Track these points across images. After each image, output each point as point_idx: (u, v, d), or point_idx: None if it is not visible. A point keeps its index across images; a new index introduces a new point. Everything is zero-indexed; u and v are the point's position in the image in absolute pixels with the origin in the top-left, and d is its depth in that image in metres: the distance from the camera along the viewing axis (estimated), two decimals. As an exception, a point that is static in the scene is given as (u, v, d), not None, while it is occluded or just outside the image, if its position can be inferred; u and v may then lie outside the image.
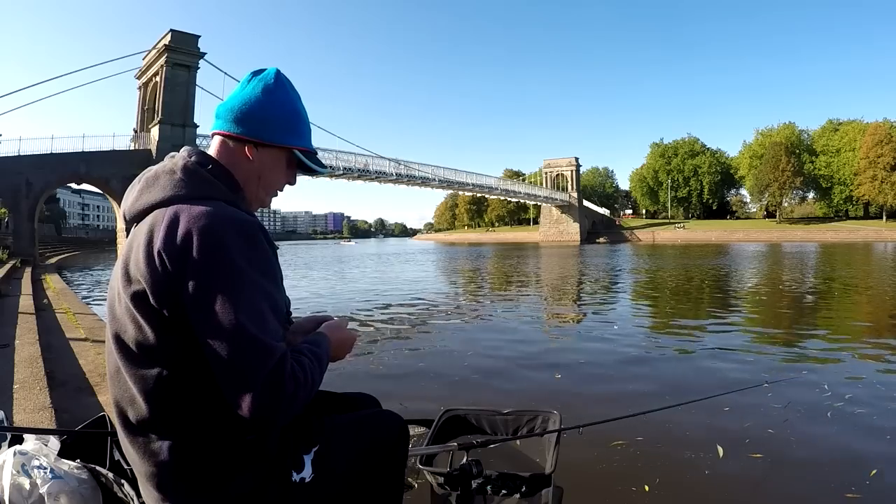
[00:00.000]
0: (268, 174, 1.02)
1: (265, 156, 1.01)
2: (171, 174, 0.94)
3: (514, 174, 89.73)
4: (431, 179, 51.41)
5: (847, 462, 2.66)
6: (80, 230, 77.54)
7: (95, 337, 4.85)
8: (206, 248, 0.82)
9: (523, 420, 1.76)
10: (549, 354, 5.40)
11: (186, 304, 0.83)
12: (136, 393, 0.87)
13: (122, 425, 0.90)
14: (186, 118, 31.65)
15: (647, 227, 75.48)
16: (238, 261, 0.84)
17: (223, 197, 0.93)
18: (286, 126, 1.01)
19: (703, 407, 3.29)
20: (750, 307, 8.95)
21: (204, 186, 0.93)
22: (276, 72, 1.03)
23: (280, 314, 0.91)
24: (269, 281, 0.89)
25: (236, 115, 1.00)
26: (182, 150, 1.01)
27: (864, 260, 22.55)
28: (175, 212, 0.86)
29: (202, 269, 0.82)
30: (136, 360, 0.87)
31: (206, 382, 0.86)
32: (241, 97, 1.00)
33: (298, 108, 1.04)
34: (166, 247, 0.83)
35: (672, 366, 4.83)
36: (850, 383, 4.03)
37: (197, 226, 0.83)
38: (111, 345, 0.91)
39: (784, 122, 77.61)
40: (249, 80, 1.02)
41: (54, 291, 9.73)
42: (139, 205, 0.94)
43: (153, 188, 0.93)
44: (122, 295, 0.88)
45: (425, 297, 11.09)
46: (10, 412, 2.29)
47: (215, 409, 0.87)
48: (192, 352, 0.85)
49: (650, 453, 2.76)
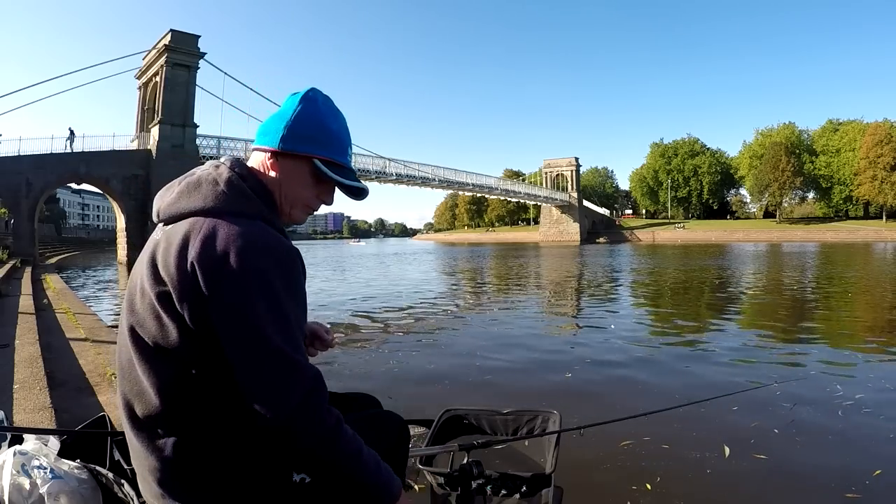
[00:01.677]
0: (289, 186, 1.00)
1: (285, 166, 1.00)
2: (213, 184, 0.94)
3: (514, 174, 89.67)
4: (431, 179, 51.38)
5: (851, 462, 2.66)
6: (80, 230, 77.44)
7: (95, 337, 4.85)
8: (243, 268, 0.83)
9: (523, 420, 1.76)
10: (550, 354, 5.40)
11: (217, 320, 0.84)
12: (147, 387, 0.88)
13: (128, 418, 0.91)
14: (186, 118, 31.60)
15: (647, 227, 75.47)
16: (274, 283, 0.85)
17: (261, 214, 0.94)
18: (305, 135, 1.00)
19: (712, 406, 3.30)
20: (754, 307, 8.96)
21: (243, 202, 0.93)
22: (310, 89, 1.04)
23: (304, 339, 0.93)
24: (299, 306, 0.91)
25: (264, 128, 1.02)
26: (225, 159, 1.01)
27: (864, 260, 22.55)
28: (214, 226, 0.87)
29: (238, 288, 0.83)
30: (152, 356, 0.88)
31: (218, 385, 0.88)
32: (273, 114, 1.03)
33: (325, 122, 1.02)
34: (201, 260, 0.84)
35: (679, 366, 4.83)
36: (859, 383, 4.03)
37: (235, 245, 0.84)
38: (126, 338, 0.91)
39: (784, 122, 77.69)
40: (286, 99, 1.04)
41: (54, 291, 9.73)
42: (177, 208, 0.94)
43: (194, 194, 0.93)
44: (147, 291, 0.88)
45: (425, 296, 11.09)
46: (10, 412, 2.29)
47: (223, 410, 0.89)
48: (208, 355, 0.86)
49: (655, 453, 2.76)
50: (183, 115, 31.45)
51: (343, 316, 8.21)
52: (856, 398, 3.62)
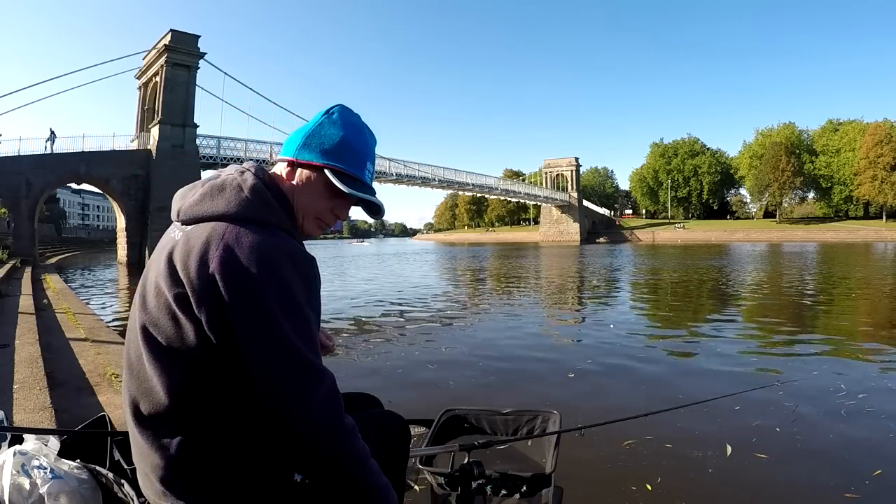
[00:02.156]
0: (302, 195, 1.01)
1: (301, 175, 1.01)
2: (238, 190, 0.95)
3: (514, 174, 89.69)
4: (431, 179, 51.37)
5: (852, 462, 2.66)
6: (80, 230, 77.41)
7: (95, 337, 4.85)
8: (265, 276, 0.85)
9: (523, 420, 1.76)
10: (551, 353, 5.39)
11: (238, 327, 0.85)
12: (156, 385, 0.88)
13: (133, 416, 0.91)
14: (186, 118, 31.57)
15: (647, 227, 75.48)
16: (296, 291, 0.87)
17: (281, 224, 0.95)
18: (321, 145, 1.00)
19: (714, 406, 3.30)
20: (755, 307, 8.94)
21: (266, 210, 0.94)
22: (337, 105, 1.06)
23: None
24: (315, 313, 0.93)
25: (288, 140, 1.04)
26: (250, 164, 1.02)
27: (864, 260, 22.55)
28: (237, 233, 0.88)
29: (260, 296, 0.84)
30: (163, 355, 0.88)
31: (227, 387, 0.88)
32: (299, 127, 1.06)
33: (344, 133, 1.02)
34: (223, 267, 0.84)
35: (681, 366, 4.83)
36: (862, 383, 4.04)
37: (257, 253, 0.85)
38: (137, 335, 0.91)
39: (784, 122, 77.68)
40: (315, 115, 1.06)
41: (54, 291, 9.73)
42: (199, 210, 0.94)
43: (217, 198, 0.94)
44: (163, 291, 0.88)
45: (426, 296, 11.09)
46: (10, 412, 2.29)
47: (229, 411, 0.89)
48: (221, 359, 0.87)
49: (656, 453, 2.76)
50: (183, 115, 31.42)
51: (344, 315, 8.20)
52: (858, 398, 3.62)
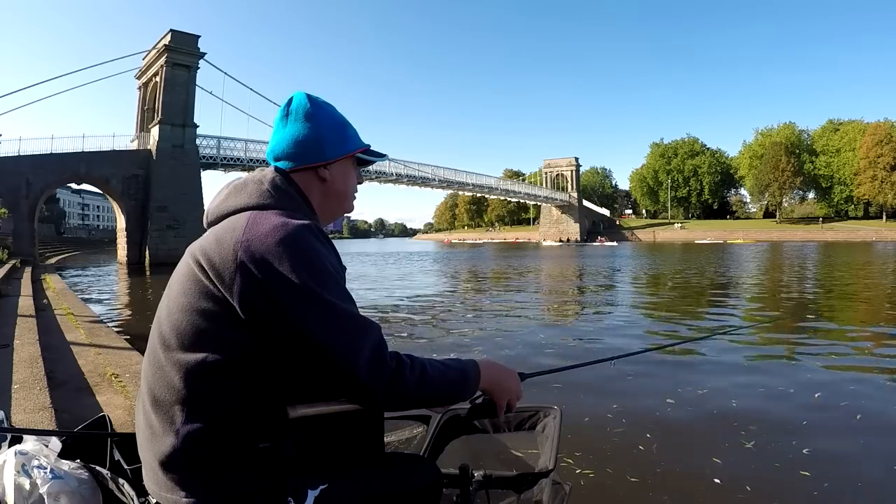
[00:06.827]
0: (341, 184, 1.10)
1: (335, 170, 1.08)
2: (258, 184, 1.00)
3: (514, 174, 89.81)
4: (431, 179, 51.40)
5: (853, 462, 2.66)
6: (80, 230, 77.39)
7: (95, 337, 4.86)
8: (296, 247, 0.87)
9: (523, 416, 1.76)
10: (552, 352, 5.40)
11: (272, 302, 0.85)
12: (173, 374, 0.89)
13: (150, 402, 0.92)
14: (186, 118, 31.57)
15: (647, 227, 75.57)
16: (325, 260, 0.90)
17: (302, 210, 1.00)
18: (340, 138, 1.08)
19: (715, 407, 3.31)
20: (756, 307, 8.95)
21: (287, 200, 0.99)
22: (306, 95, 1.08)
23: None
24: (342, 279, 0.97)
25: (297, 151, 1.04)
26: (270, 167, 1.07)
27: (865, 260, 22.55)
28: (260, 216, 0.91)
29: (291, 266, 0.85)
30: (186, 344, 0.89)
31: (245, 382, 0.89)
32: (291, 134, 1.05)
33: (340, 117, 1.10)
34: (251, 248, 0.86)
35: (681, 366, 4.81)
36: (867, 383, 4.06)
37: (285, 229, 0.88)
38: (163, 325, 0.93)
39: (784, 122, 77.89)
40: (286, 114, 1.06)
41: (54, 291, 9.73)
42: (223, 208, 0.99)
43: (240, 193, 1.00)
44: (192, 282, 0.90)
45: (426, 296, 11.10)
46: (10, 412, 2.29)
47: (246, 404, 0.89)
48: (243, 349, 0.88)
49: (660, 448, 2.77)
50: (183, 115, 31.41)
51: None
52: (859, 398, 3.62)
